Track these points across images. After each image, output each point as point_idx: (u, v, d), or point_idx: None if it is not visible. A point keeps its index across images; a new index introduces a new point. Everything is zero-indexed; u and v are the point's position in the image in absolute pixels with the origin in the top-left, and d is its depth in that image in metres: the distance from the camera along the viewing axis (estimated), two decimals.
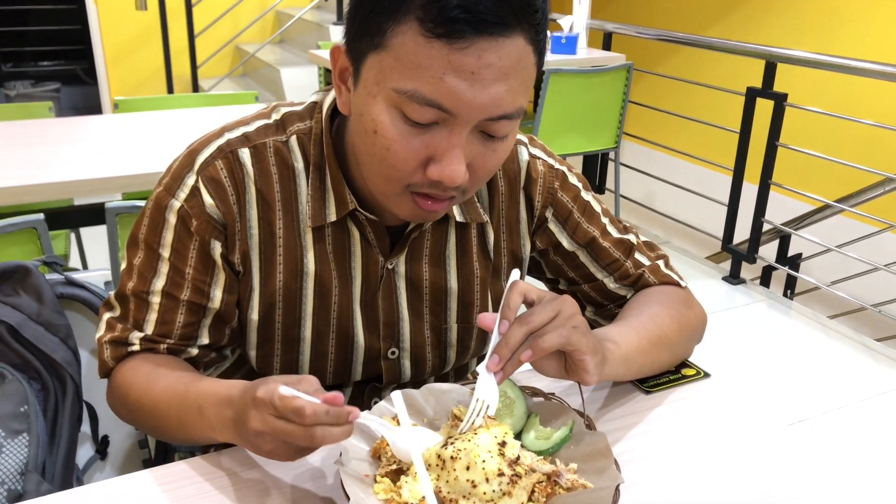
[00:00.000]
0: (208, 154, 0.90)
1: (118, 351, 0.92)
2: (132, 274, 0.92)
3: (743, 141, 3.43)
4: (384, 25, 0.74)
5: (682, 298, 1.06)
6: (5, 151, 1.99)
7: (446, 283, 0.99)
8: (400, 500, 0.72)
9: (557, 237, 1.04)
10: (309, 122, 0.93)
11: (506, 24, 0.72)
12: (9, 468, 0.98)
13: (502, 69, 0.74)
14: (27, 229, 1.47)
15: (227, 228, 0.90)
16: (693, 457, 0.86)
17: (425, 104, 0.74)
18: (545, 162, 1.02)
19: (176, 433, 0.87)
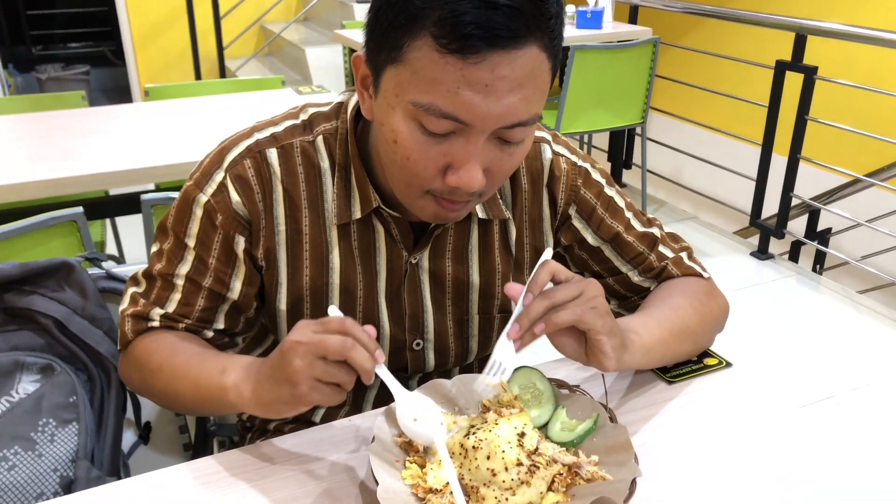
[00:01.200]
0: (237, 153, 0.94)
1: (139, 325, 0.97)
2: (161, 257, 0.97)
3: (772, 115, 3.40)
4: (401, 40, 0.76)
5: (705, 289, 1.08)
6: (43, 143, 2.05)
7: (468, 277, 1.03)
8: (425, 485, 0.77)
9: (582, 233, 1.06)
10: (335, 123, 0.96)
11: (519, 36, 0.74)
12: (61, 455, 1.04)
13: (516, 80, 0.76)
14: (68, 222, 1.52)
15: (251, 225, 0.94)
16: (714, 446, 0.88)
17: (442, 116, 0.77)
18: (568, 159, 1.04)
19: (187, 397, 0.91)
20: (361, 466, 0.84)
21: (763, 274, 3.40)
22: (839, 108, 3.70)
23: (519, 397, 0.88)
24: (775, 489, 0.82)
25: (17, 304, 1.12)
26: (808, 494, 0.81)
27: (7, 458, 1.00)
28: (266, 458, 0.86)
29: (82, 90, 2.56)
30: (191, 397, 0.91)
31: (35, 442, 1.03)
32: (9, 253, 1.46)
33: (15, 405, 1.04)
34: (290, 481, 0.82)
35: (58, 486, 1.03)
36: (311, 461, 0.85)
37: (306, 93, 2.53)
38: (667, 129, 4.51)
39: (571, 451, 0.82)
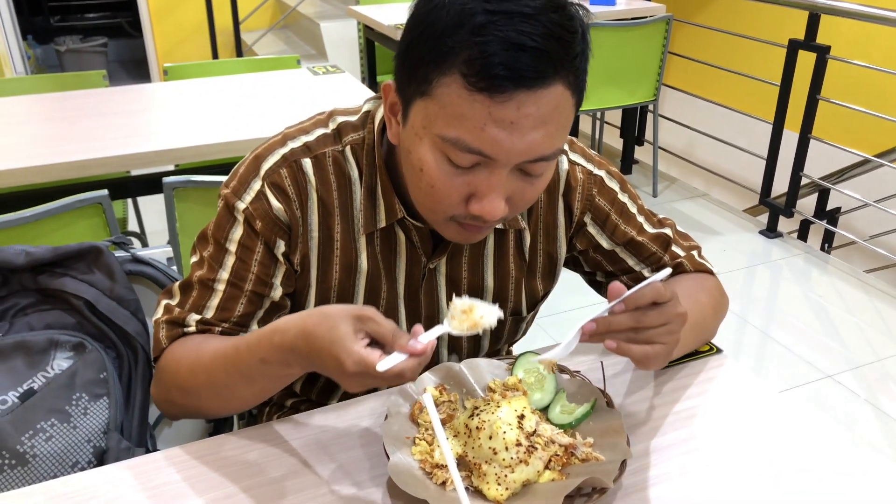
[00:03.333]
0: (273, 162, 0.97)
1: (174, 331, 0.98)
2: (202, 265, 0.99)
3: (783, 94, 3.41)
4: (430, 75, 0.80)
5: (717, 286, 1.13)
6: (66, 125, 2.11)
7: (483, 281, 1.07)
8: (432, 461, 0.83)
9: (597, 239, 1.09)
10: (362, 133, 0.99)
11: (545, 76, 0.77)
12: (94, 427, 1.12)
13: (540, 117, 0.79)
14: (93, 204, 1.59)
15: (291, 230, 0.97)
16: (704, 429, 0.94)
17: (467, 151, 0.80)
18: (584, 168, 1.06)
19: (241, 391, 0.90)
20: (374, 443, 0.91)
21: (771, 252, 3.43)
22: (851, 87, 3.69)
23: (523, 381, 0.94)
24: (768, 470, 0.88)
25: (50, 285, 1.19)
26: (802, 473, 0.87)
27: (45, 430, 1.07)
28: (284, 433, 0.93)
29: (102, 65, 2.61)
30: (251, 392, 0.90)
31: (70, 415, 1.10)
32: (38, 234, 1.53)
33: (51, 380, 1.11)
34: (307, 455, 0.89)
35: (91, 455, 1.11)
36: (326, 437, 0.92)
37: (321, 73, 2.58)
38: (679, 105, 4.51)
39: (569, 432, 0.89)
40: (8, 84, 2.65)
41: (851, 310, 2.98)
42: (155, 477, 0.86)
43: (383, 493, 0.83)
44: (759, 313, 2.96)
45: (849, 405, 2.43)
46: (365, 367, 0.75)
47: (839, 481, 0.86)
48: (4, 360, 1.11)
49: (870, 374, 2.59)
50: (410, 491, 0.77)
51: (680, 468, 0.87)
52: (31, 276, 1.19)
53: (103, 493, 0.83)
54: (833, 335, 2.82)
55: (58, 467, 1.08)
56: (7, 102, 2.29)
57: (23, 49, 5.31)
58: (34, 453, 1.06)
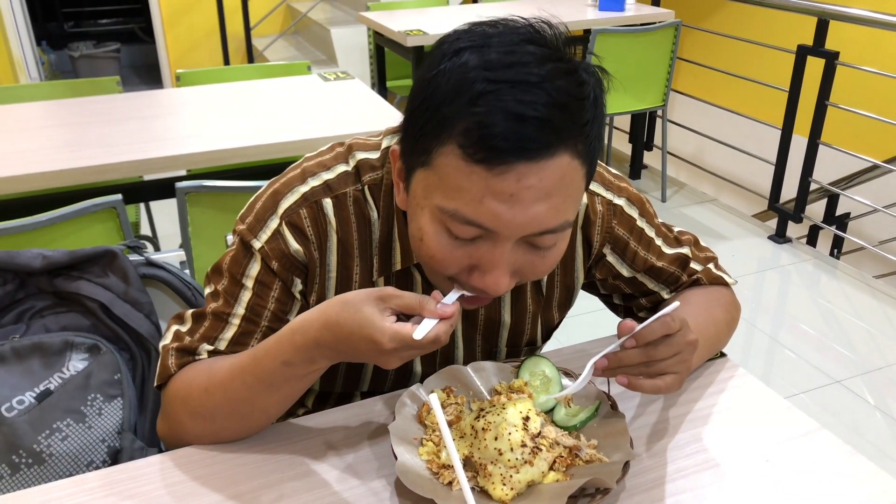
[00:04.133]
0: (292, 201, 0.94)
1: (184, 359, 0.95)
2: (217, 297, 0.96)
3: (792, 99, 3.41)
4: (430, 146, 0.77)
5: (732, 300, 1.13)
6: (81, 130, 2.14)
7: (500, 317, 1.05)
8: (439, 461, 0.85)
9: (617, 268, 1.08)
10: (381, 173, 0.96)
11: (548, 147, 0.73)
12: (108, 428, 1.14)
13: (543, 189, 0.75)
14: (108, 209, 1.62)
15: (308, 270, 0.95)
16: (707, 432, 0.95)
17: (466, 223, 0.77)
18: (604, 199, 1.03)
19: (264, 402, 0.88)
20: (382, 443, 0.92)
21: (780, 258, 3.43)
22: (860, 93, 3.69)
23: (529, 383, 0.96)
24: (770, 473, 0.89)
25: (66, 288, 1.22)
26: (804, 477, 0.88)
27: (61, 430, 1.10)
28: (294, 434, 0.95)
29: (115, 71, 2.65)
30: (273, 402, 0.88)
31: (85, 415, 1.13)
32: (54, 237, 1.56)
33: (67, 381, 1.13)
34: (316, 455, 0.91)
35: (106, 455, 1.13)
36: (336, 437, 0.94)
37: (331, 78, 2.60)
38: (688, 110, 4.52)
39: (573, 434, 0.90)
40: (23, 90, 2.69)
41: (860, 315, 2.98)
42: (168, 476, 0.88)
43: (391, 493, 0.85)
44: (767, 319, 2.97)
45: (857, 411, 2.43)
46: (402, 340, 0.75)
47: (841, 488, 0.87)
48: (22, 361, 1.14)
49: (878, 379, 2.59)
50: (418, 490, 0.79)
51: (682, 470, 0.89)
52: (47, 279, 1.21)
53: (118, 491, 0.85)
54: (842, 341, 2.82)
55: (73, 466, 1.10)
56: (22, 108, 2.33)
57: (37, 55, 5.38)
58: (50, 452, 1.09)
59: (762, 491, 0.86)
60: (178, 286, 1.32)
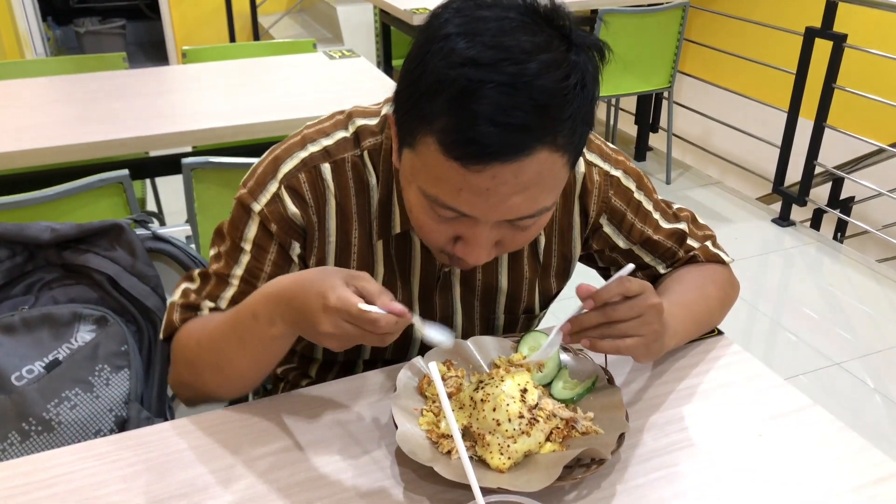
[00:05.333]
0: (292, 166, 0.97)
1: (187, 314, 1.00)
2: (219, 259, 1.00)
3: (799, 82, 3.40)
4: (414, 130, 0.79)
5: (728, 277, 1.14)
6: (87, 105, 2.15)
7: (497, 282, 1.07)
8: (438, 431, 0.87)
9: (613, 239, 1.09)
10: (380, 138, 0.98)
11: (523, 149, 0.74)
12: (115, 398, 1.17)
13: (518, 184, 0.76)
14: (114, 184, 1.63)
15: (306, 234, 0.98)
16: (701, 407, 0.97)
17: (446, 208, 0.80)
18: (601, 170, 1.05)
19: (238, 358, 0.91)
20: (384, 414, 0.95)
21: (783, 241, 3.44)
22: (867, 76, 3.67)
23: (527, 357, 0.98)
24: (763, 448, 0.91)
25: (74, 260, 1.24)
26: (796, 452, 0.90)
27: (70, 399, 1.12)
28: (297, 405, 0.97)
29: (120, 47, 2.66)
30: (245, 361, 0.92)
31: (93, 385, 1.15)
32: (61, 212, 1.58)
33: (75, 351, 1.16)
34: (319, 426, 0.93)
35: (113, 424, 1.15)
36: (338, 408, 0.96)
37: (337, 56, 2.60)
38: (694, 92, 4.50)
39: (570, 407, 0.92)
40: (29, 65, 2.70)
41: (862, 299, 2.99)
42: (173, 444, 0.90)
43: (392, 461, 0.87)
44: (769, 301, 2.98)
45: (856, 393, 2.45)
46: (345, 304, 0.77)
47: (832, 462, 0.89)
48: (31, 332, 1.16)
49: (878, 362, 2.60)
50: (417, 459, 0.81)
51: (676, 443, 0.91)
52: (55, 251, 1.23)
53: (125, 458, 0.88)
54: (843, 324, 2.83)
55: (81, 434, 1.13)
56: (28, 84, 2.34)
57: (43, 30, 5.37)
58: (59, 420, 1.11)
59: (755, 464, 0.88)
60: (184, 260, 1.34)
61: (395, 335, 0.81)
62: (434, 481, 0.82)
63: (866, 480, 0.86)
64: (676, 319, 0.98)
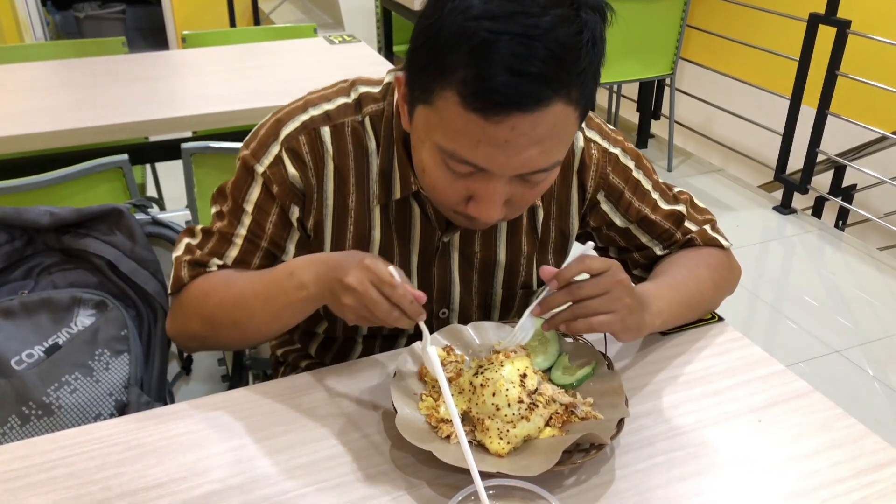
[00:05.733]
0: (293, 128, 0.98)
1: (196, 270, 1.02)
2: (222, 217, 1.03)
3: (802, 69, 3.38)
4: (431, 85, 0.80)
5: (724, 261, 1.13)
6: (86, 91, 2.15)
7: (495, 256, 1.08)
8: (437, 415, 0.87)
9: (610, 217, 1.10)
10: (382, 105, 1.00)
11: (542, 100, 0.76)
12: (115, 382, 1.16)
13: (536, 136, 0.78)
14: (114, 168, 1.63)
15: (305, 197, 1.00)
16: (701, 394, 0.97)
17: (463, 163, 0.81)
18: (599, 146, 1.06)
19: (257, 315, 0.96)
20: (383, 398, 0.95)
21: (784, 229, 3.43)
22: (871, 63, 3.65)
23: (527, 343, 0.98)
24: (762, 434, 0.91)
25: (73, 245, 1.23)
26: (795, 436, 0.90)
27: (69, 383, 1.12)
28: (296, 389, 0.97)
29: (120, 32, 2.64)
30: (264, 317, 0.96)
31: (93, 369, 1.15)
32: (60, 196, 1.57)
33: (75, 336, 1.16)
34: (318, 410, 0.93)
35: (113, 408, 1.15)
36: (338, 393, 0.96)
37: (337, 42, 2.59)
38: (696, 79, 4.48)
39: (570, 392, 0.92)
40: (28, 50, 2.68)
41: (863, 287, 2.98)
42: (172, 427, 0.90)
43: (391, 446, 0.87)
44: (770, 289, 2.98)
45: (856, 381, 2.45)
46: (377, 264, 0.84)
47: (832, 448, 0.89)
48: (30, 316, 1.16)
49: (878, 350, 2.60)
50: (416, 443, 0.81)
51: (675, 429, 0.91)
52: (55, 236, 1.23)
53: (124, 441, 0.88)
54: (843, 312, 2.83)
55: (81, 418, 1.13)
56: (28, 68, 2.33)
57: (42, 15, 5.34)
58: (59, 405, 1.11)
59: (754, 450, 0.88)
60: None
61: (402, 319, 0.84)
62: (433, 465, 0.82)
63: (866, 466, 0.86)
64: (663, 300, 0.99)
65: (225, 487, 0.81)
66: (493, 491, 0.71)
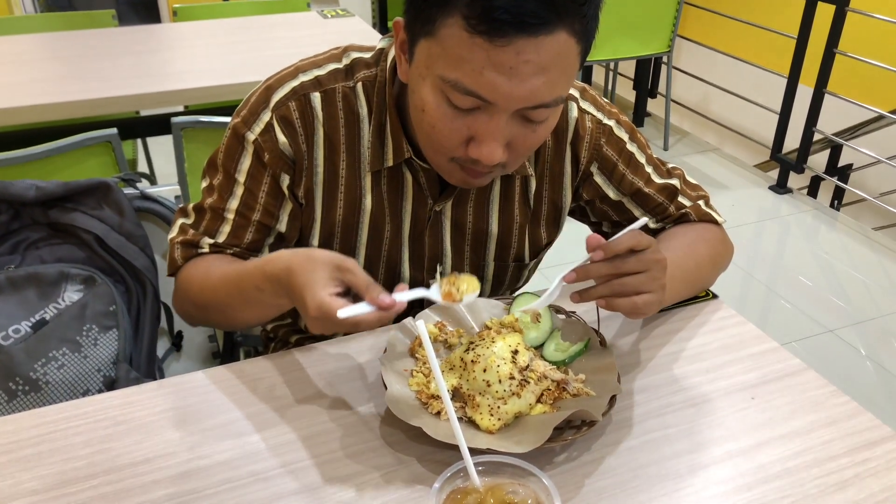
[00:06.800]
0: (283, 94, 0.97)
1: (188, 252, 1.02)
2: (213, 192, 1.02)
3: (800, 47, 3.35)
4: (434, 15, 0.79)
5: (719, 236, 1.13)
6: (75, 63, 2.11)
7: (487, 226, 1.08)
8: (427, 392, 0.86)
9: (604, 189, 1.09)
10: (374, 70, 0.99)
11: (548, 23, 0.76)
12: (103, 358, 1.15)
13: (540, 64, 0.78)
14: (103, 142, 1.60)
15: (295, 164, 0.99)
16: (693, 372, 0.96)
17: (466, 93, 0.80)
18: (593, 117, 1.06)
19: (243, 313, 0.97)
20: (373, 375, 0.94)
21: (780, 208, 3.43)
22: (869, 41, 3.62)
23: (520, 320, 0.97)
24: (755, 410, 0.90)
25: (60, 219, 1.22)
26: (786, 412, 0.90)
27: (57, 358, 1.11)
28: (287, 365, 0.96)
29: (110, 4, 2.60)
30: (252, 315, 0.97)
31: (80, 345, 1.14)
32: (48, 170, 1.55)
33: (62, 311, 1.14)
34: (309, 386, 0.92)
35: (101, 384, 1.14)
36: (329, 369, 0.95)
37: (330, 16, 2.56)
38: (694, 57, 4.45)
39: (562, 369, 0.91)
40: (17, 22, 2.64)
41: (857, 267, 2.98)
42: (159, 403, 0.89)
43: (381, 422, 0.86)
44: (765, 268, 2.98)
45: (849, 360, 2.46)
46: (325, 313, 0.78)
47: (825, 426, 0.88)
48: (17, 291, 1.14)
49: (871, 330, 2.61)
50: (406, 419, 0.80)
51: (668, 406, 0.90)
52: (41, 210, 1.21)
53: (111, 416, 0.86)
54: (837, 291, 2.83)
55: (69, 394, 1.12)
56: (17, 41, 2.29)
57: None
58: (47, 380, 1.10)
59: (747, 428, 0.87)
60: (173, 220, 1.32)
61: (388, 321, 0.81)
62: (423, 442, 0.82)
63: (859, 444, 0.85)
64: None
65: (212, 463, 0.80)
66: (483, 467, 0.71)
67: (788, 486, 0.79)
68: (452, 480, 0.70)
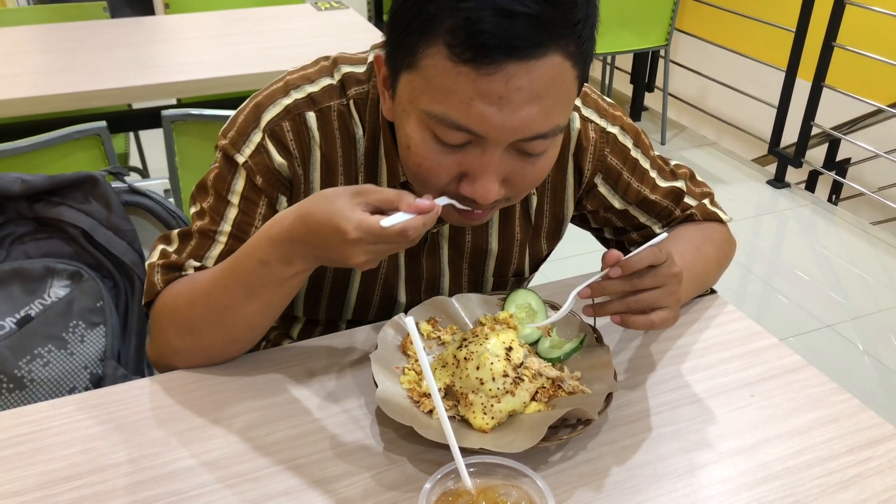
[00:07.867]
0: (275, 113, 0.91)
1: (170, 275, 0.93)
2: (203, 216, 0.94)
3: (798, 40, 3.33)
4: (415, 46, 0.74)
5: (725, 236, 1.11)
6: (66, 55, 2.09)
7: (487, 244, 1.03)
8: (419, 390, 0.84)
9: (609, 199, 1.05)
10: (366, 86, 0.92)
11: (538, 45, 0.70)
12: (91, 355, 1.13)
13: (533, 91, 0.72)
14: (92, 135, 1.58)
15: (292, 186, 0.93)
16: (691, 367, 0.95)
17: (454, 128, 0.74)
18: (597, 126, 1.00)
19: (245, 309, 0.86)
20: (364, 372, 0.91)
21: (778, 203, 3.41)
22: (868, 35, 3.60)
23: (514, 316, 0.95)
24: (754, 407, 0.88)
25: (46, 214, 1.19)
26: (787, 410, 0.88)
27: (42, 356, 1.08)
28: (277, 362, 0.94)
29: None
30: (256, 308, 0.86)
31: (67, 342, 1.11)
32: (35, 164, 1.52)
33: (48, 307, 1.12)
34: (298, 384, 0.90)
35: (88, 381, 1.12)
36: (318, 365, 0.93)
37: (324, 8, 2.53)
38: (691, 51, 4.42)
39: (558, 366, 0.89)
40: (8, 14, 2.61)
41: (855, 261, 2.97)
42: (147, 401, 0.87)
43: (371, 421, 0.84)
44: (763, 263, 2.96)
45: (847, 355, 2.44)
46: (367, 230, 0.73)
47: (825, 423, 0.87)
48: (2, 287, 1.12)
49: (870, 325, 2.59)
50: (397, 418, 0.78)
51: (665, 404, 0.88)
52: (27, 204, 1.19)
53: (95, 415, 0.84)
54: (835, 286, 2.82)
55: (55, 392, 1.09)
56: (7, 32, 2.26)
57: None
58: (32, 378, 1.08)
59: (746, 426, 0.85)
60: (162, 214, 1.30)
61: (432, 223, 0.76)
62: (415, 441, 0.80)
63: (862, 442, 0.83)
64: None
65: (198, 464, 0.78)
66: (475, 468, 0.69)
67: (789, 486, 0.78)
68: (444, 482, 0.68)
